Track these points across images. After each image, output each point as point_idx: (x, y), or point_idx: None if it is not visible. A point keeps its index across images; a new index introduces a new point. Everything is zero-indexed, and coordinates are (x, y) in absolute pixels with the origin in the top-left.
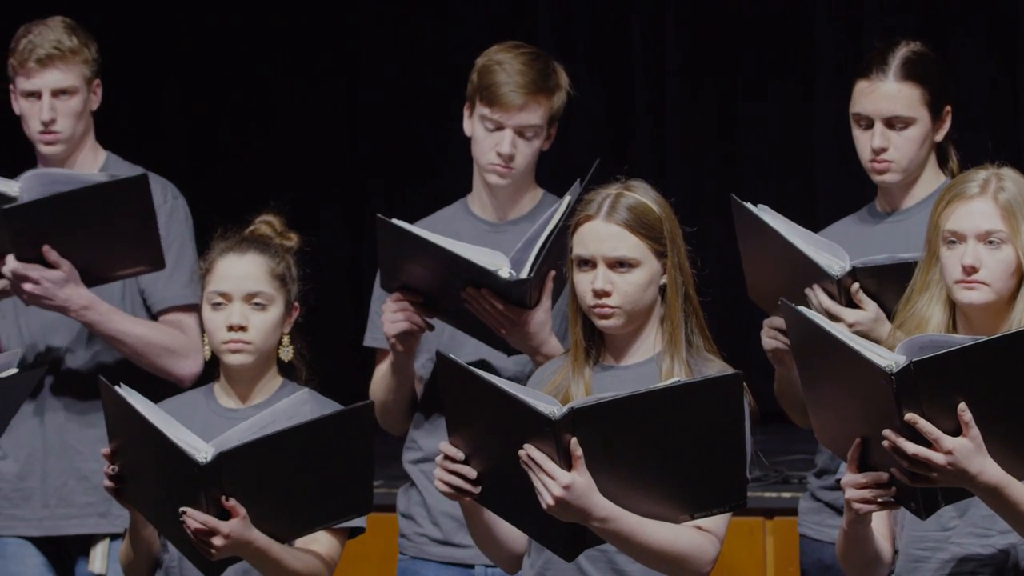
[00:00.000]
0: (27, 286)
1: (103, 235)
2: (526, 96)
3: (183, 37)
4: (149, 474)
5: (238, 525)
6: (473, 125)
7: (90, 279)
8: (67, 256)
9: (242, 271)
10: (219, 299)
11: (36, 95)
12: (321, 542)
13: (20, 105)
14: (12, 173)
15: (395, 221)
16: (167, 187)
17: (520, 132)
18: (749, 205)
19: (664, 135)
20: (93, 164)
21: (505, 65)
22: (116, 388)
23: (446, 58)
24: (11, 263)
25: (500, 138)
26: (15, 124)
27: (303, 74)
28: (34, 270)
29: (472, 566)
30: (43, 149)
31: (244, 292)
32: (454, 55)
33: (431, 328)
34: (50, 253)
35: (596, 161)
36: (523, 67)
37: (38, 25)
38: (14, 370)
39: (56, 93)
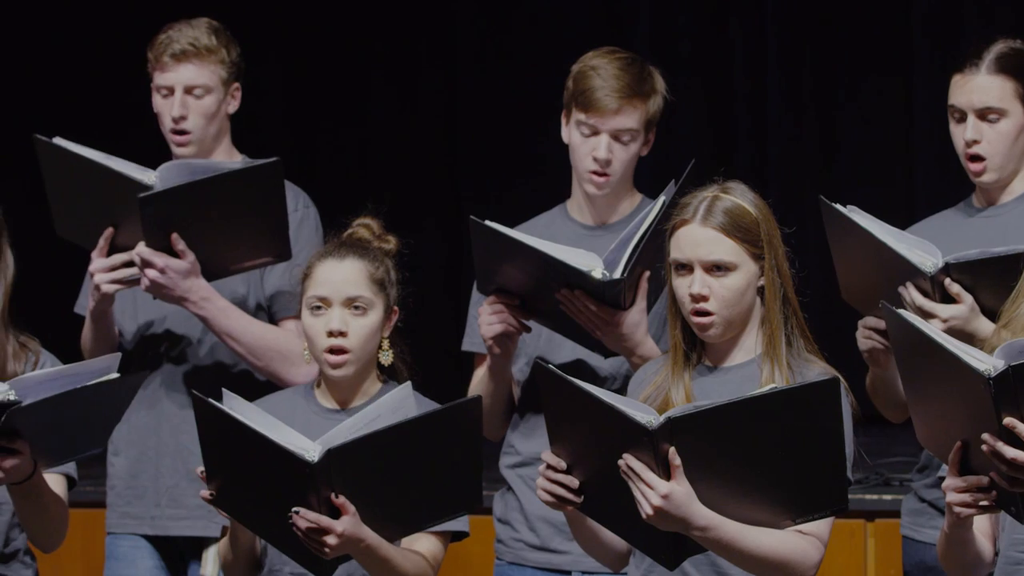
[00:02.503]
0: (151, 273)
1: (233, 224)
2: (621, 100)
3: (282, 42)
4: (251, 483)
5: (350, 522)
6: (570, 132)
7: (212, 273)
8: (192, 248)
9: (341, 276)
10: (318, 304)
11: (170, 91)
12: (424, 543)
13: (156, 102)
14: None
15: (488, 223)
16: (299, 195)
17: (616, 136)
18: (838, 206)
19: (764, 136)
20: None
21: (600, 70)
22: (211, 400)
23: (544, 63)
24: (140, 248)
25: (596, 143)
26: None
27: (401, 77)
28: (160, 258)
29: (569, 572)
30: (175, 150)
31: (343, 297)
32: (552, 60)
33: (528, 330)
34: (178, 242)
35: (691, 162)
36: (618, 71)
37: (181, 23)
38: (115, 374)
39: (189, 90)
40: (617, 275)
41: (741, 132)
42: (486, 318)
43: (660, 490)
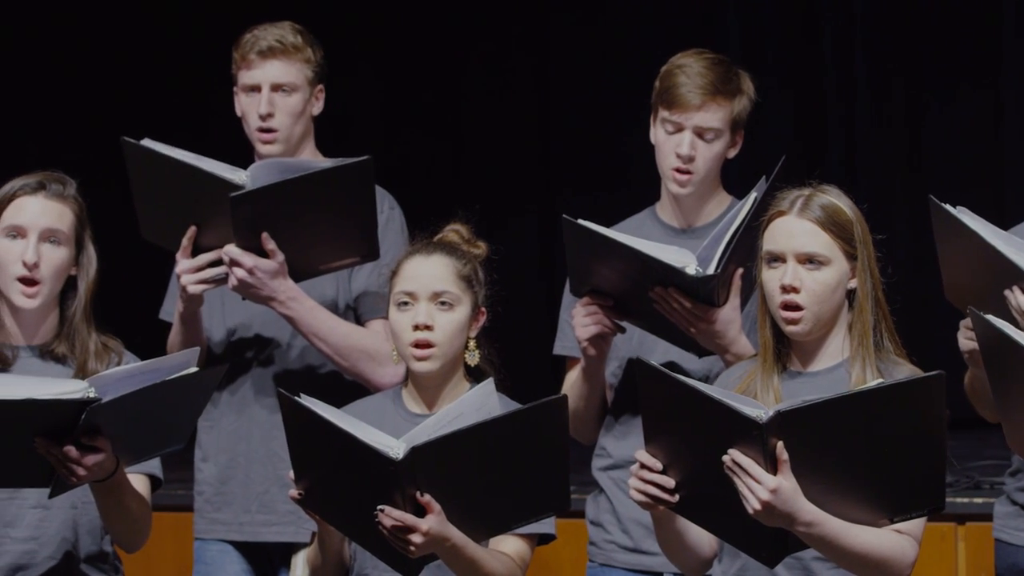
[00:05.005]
0: (239, 272)
1: (322, 223)
2: (704, 96)
3: (376, 46)
4: (338, 482)
5: (436, 521)
6: (656, 131)
7: (301, 273)
8: (281, 248)
9: (428, 271)
10: (405, 299)
11: (256, 89)
12: (510, 545)
13: (241, 103)
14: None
15: (581, 221)
16: (384, 196)
17: (700, 134)
18: (948, 207)
19: (854, 141)
20: None
21: (686, 68)
22: (298, 399)
23: (635, 68)
24: (230, 247)
25: (680, 140)
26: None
27: (495, 81)
28: (249, 257)
29: (661, 574)
30: (260, 148)
31: (430, 291)
32: (643, 65)
33: (622, 330)
34: (268, 242)
35: (782, 158)
36: (703, 69)
37: (265, 24)
38: (194, 369)
39: (275, 88)
40: (711, 271)
41: (830, 136)
42: (580, 320)
43: (768, 485)
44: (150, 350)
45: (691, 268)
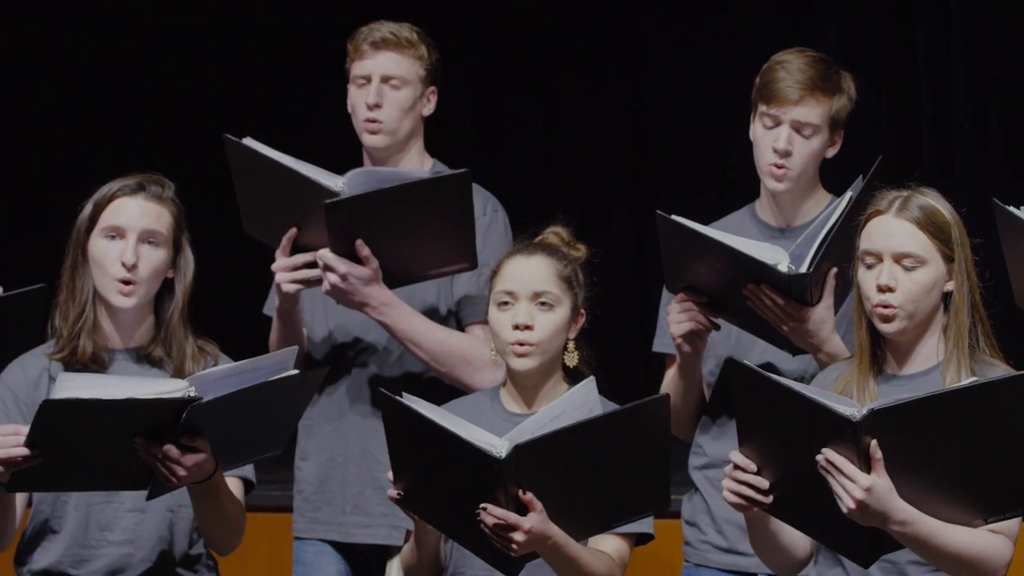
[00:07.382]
0: (332, 278)
1: (418, 232)
2: (802, 91)
3: (467, 47)
4: (438, 480)
5: (538, 519)
6: (755, 128)
7: (396, 280)
8: (376, 254)
9: (529, 271)
10: (506, 298)
11: (366, 80)
12: (609, 544)
13: (351, 96)
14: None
15: (674, 217)
16: (488, 199)
17: (797, 129)
18: (1012, 209)
19: (949, 143)
20: (419, 168)
21: (787, 64)
22: (398, 398)
23: (730, 67)
24: (324, 252)
25: (777, 134)
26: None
27: (588, 80)
28: (343, 264)
29: (755, 575)
30: (366, 140)
31: (531, 291)
32: (738, 64)
33: (717, 328)
34: (362, 248)
35: (879, 158)
36: (804, 66)
37: (383, 20)
38: (295, 371)
39: (385, 79)
40: (803, 269)
41: (926, 139)
42: (675, 316)
43: (862, 483)
44: (247, 349)
45: (783, 265)
